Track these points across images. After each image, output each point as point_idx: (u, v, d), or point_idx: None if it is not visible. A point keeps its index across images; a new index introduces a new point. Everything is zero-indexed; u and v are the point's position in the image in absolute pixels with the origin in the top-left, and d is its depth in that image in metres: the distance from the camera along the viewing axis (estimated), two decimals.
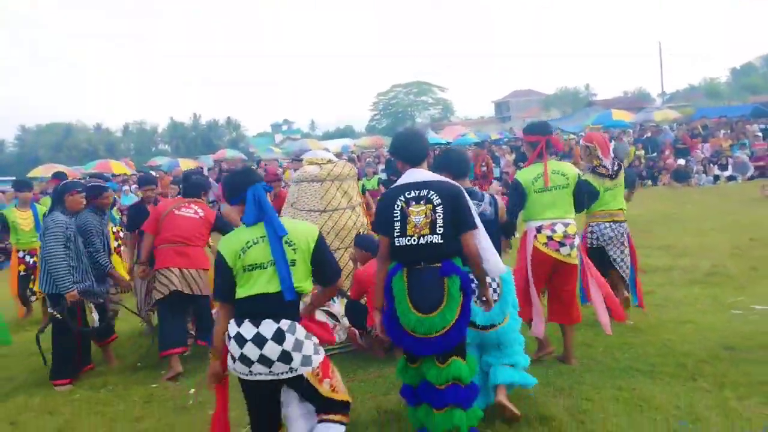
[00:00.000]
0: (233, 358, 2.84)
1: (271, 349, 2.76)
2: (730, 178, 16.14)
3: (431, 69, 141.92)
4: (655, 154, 18.86)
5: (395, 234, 3.19)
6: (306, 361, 2.85)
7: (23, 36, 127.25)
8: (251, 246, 2.82)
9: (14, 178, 40.91)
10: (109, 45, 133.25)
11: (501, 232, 4.04)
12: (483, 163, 12.86)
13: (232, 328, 2.83)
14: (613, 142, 19.95)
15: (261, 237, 2.85)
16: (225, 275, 2.89)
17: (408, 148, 3.41)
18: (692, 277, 6.78)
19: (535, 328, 4.53)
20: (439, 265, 3.14)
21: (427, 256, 3.14)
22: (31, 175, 30.37)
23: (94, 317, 5.19)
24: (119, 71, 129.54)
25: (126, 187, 16.82)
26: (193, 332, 5.58)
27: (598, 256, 5.34)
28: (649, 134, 20.13)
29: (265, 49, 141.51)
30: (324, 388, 2.89)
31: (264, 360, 2.77)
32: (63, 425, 4.34)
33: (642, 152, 19.31)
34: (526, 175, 4.48)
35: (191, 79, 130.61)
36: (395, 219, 3.20)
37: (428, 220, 3.14)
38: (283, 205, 5.69)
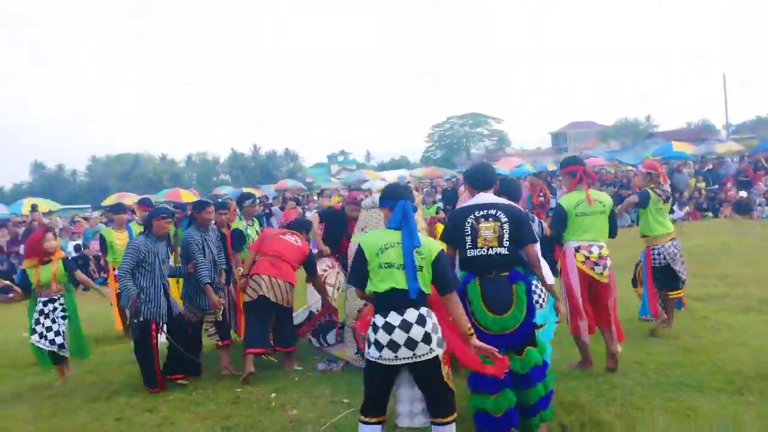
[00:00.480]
0: (380, 346, 3.33)
1: (416, 332, 3.29)
2: None
3: (487, 101, 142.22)
4: (716, 186, 18.69)
5: (467, 246, 3.81)
6: (440, 343, 3.38)
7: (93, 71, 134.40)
8: (388, 248, 3.38)
9: (89, 205, 43.27)
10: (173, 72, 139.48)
11: (549, 247, 4.62)
12: (540, 193, 13.14)
13: (379, 320, 3.36)
14: (674, 174, 19.96)
15: (397, 242, 3.39)
16: (361, 265, 3.47)
17: (480, 176, 4.10)
18: (746, 304, 6.94)
19: (583, 332, 5.00)
20: (507, 273, 3.79)
21: (496, 265, 3.77)
22: (105, 203, 32.29)
23: (160, 338, 5.65)
24: (179, 102, 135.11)
25: None
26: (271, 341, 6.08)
27: (661, 273, 6.04)
28: (710, 166, 19.93)
29: (322, 83, 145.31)
30: (444, 372, 3.41)
31: (410, 342, 3.28)
32: (162, 421, 4.89)
33: (703, 184, 19.16)
34: (568, 201, 5.11)
35: (251, 112, 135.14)
36: (466, 234, 3.82)
37: (496, 235, 3.78)
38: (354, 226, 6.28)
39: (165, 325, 5.70)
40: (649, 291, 6.01)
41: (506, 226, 3.80)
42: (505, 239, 3.78)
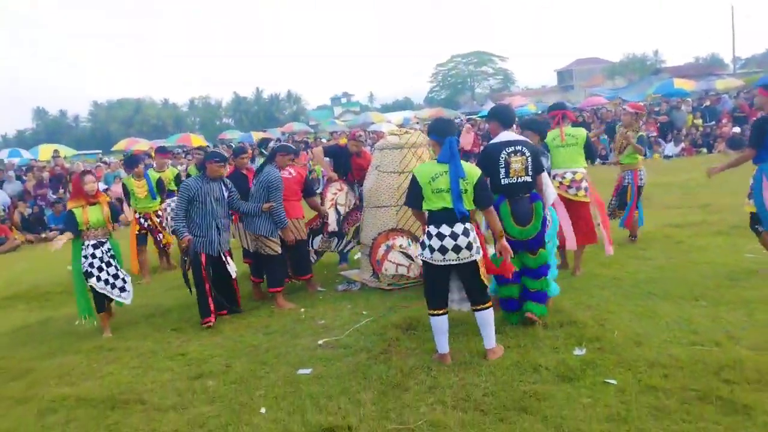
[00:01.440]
0: (432, 249, 4.22)
1: (462, 240, 4.18)
2: None
3: (491, 37, 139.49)
4: (713, 123, 19.20)
5: (501, 176, 4.80)
6: (478, 250, 4.28)
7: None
8: (438, 177, 4.22)
9: (100, 150, 43.84)
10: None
11: None
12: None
13: (433, 230, 4.22)
14: (672, 111, 20.42)
15: (445, 172, 4.21)
16: (417, 191, 4.29)
17: (503, 115, 5.09)
18: (719, 229, 7.74)
19: (569, 244, 5.99)
20: (529, 195, 4.86)
21: (523, 190, 4.84)
22: (114, 149, 32.89)
23: (230, 269, 6.07)
24: (179, 44, 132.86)
25: None
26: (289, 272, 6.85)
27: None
28: (708, 103, 20.40)
29: (321, 23, 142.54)
30: (481, 272, 4.33)
31: (456, 248, 4.18)
32: (212, 330, 5.78)
33: (700, 121, 19.68)
34: (548, 137, 6.11)
35: (252, 51, 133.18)
36: (500, 166, 4.79)
37: (523, 167, 4.79)
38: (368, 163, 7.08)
39: (227, 256, 6.06)
40: (633, 207, 7.44)
41: (529, 159, 4.79)
42: (529, 169, 4.79)
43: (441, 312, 4.37)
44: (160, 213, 8.67)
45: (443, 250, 4.20)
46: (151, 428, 3.85)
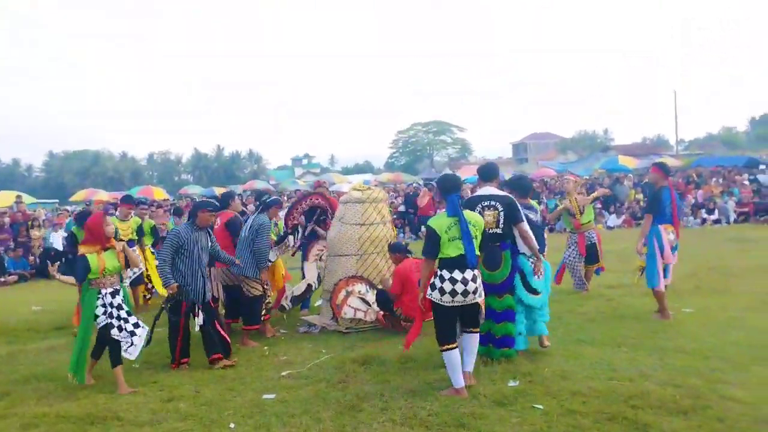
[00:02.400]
0: (443, 291, 4.72)
1: (471, 286, 4.73)
2: (716, 222, 17.89)
3: (450, 108, 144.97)
4: None
5: None
6: (481, 293, 4.89)
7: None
8: (452, 227, 4.78)
9: (57, 200, 43.27)
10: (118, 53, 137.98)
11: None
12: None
13: (446, 274, 4.72)
14: (615, 185, 21.90)
15: (455, 222, 4.78)
16: (435, 240, 4.78)
17: (488, 172, 5.74)
18: (647, 291, 8.55)
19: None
20: (499, 244, 5.41)
21: (493, 239, 5.37)
22: (73, 199, 32.72)
23: (197, 321, 6.01)
24: (140, 95, 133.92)
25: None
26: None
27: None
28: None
29: (284, 82, 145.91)
30: (481, 310, 4.95)
31: (465, 293, 4.72)
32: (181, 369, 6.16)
33: (640, 195, 21.13)
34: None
35: (213, 107, 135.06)
36: None
37: (494, 219, 5.36)
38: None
39: (200, 308, 6.03)
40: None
41: (501, 213, 5.35)
42: (500, 222, 5.36)
43: (453, 346, 4.80)
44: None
45: (453, 293, 4.72)
46: None
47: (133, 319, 5.50)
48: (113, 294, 5.47)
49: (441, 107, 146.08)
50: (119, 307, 5.47)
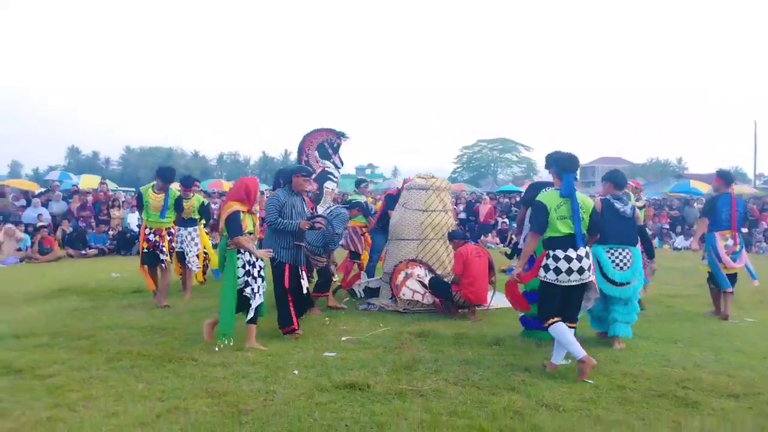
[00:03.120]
0: (559, 271, 4.68)
1: (586, 263, 4.73)
2: None
3: (518, 126, 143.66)
4: None
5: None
6: (593, 272, 4.84)
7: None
8: (562, 205, 4.75)
9: (133, 188, 45.49)
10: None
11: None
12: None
13: (560, 253, 4.68)
14: (685, 207, 21.37)
15: (566, 202, 4.74)
16: (544, 217, 4.74)
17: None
18: (708, 301, 8.43)
19: None
20: None
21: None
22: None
23: (303, 284, 6.11)
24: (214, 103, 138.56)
25: None
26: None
27: None
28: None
29: (351, 93, 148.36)
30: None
31: (580, 270, 4.70)
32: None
33: None
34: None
35: (282, 115, 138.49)
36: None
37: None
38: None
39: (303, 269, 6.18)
40: None
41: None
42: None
43: (557, 319, 4.76)
44: (172, 231, 8.06)
45: (570, 271, 4.69)
46: (202, 375, 4.63)
47: (260, 282, 5.61)
48: (250, 253, 5.52)
49: (508, 125, 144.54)
50: (255, 266, 5.55)
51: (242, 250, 5.45)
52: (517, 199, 21.58)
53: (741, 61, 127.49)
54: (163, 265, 7.77)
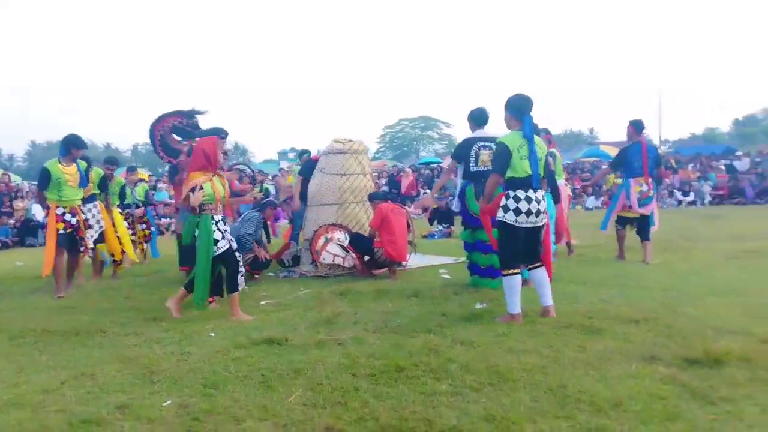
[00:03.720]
0: (519, 212, 4.68)
1: (544, 204, 4.77)
2: (691, 203, 18.38)
3: (439, 104, 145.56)
4: None
5: (471, 164, 5.96)
6: (545, 215, 4.86)
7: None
8: (523, 146, 4.74)
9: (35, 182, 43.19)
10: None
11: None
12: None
13: (521, 193, 4.69)
14: (595, 171, 22.33)
15: (526, 143, 4.74)
16: (507, 158, 4.72)
17: (479, 117, 6.15)
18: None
19: None
20: None
21: (486, 177, 5.26)
22: None
23: None
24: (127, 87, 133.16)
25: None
26: None
27: None
28: None
29: (273, 76, 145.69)
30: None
31: (538, 212, 4.73)
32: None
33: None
34: None
35: (200, 98, 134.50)
36: (471, 156, 5.96)
37: (490, 159, 5.67)
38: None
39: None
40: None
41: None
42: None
43: (516, 272, 4.80)
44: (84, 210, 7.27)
45: (528, 213, 4.71)
46: (112, 344, 4.46)
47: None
48: (223, 221, 5.34)
49: (428, 103, 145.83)
50: (227, 233, 5.34)
51: (215, 217, 5.21)
52: (439, 170, 21.95)
53: (645, 33, 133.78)
54: (82, 250, 7.10)
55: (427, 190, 19.74)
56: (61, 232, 6.78)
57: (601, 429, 2.71)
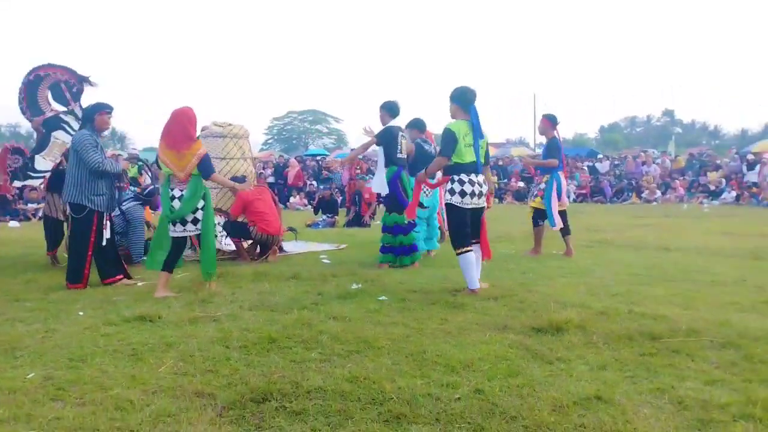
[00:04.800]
0: (464, 194, 5.15)
1: (484, 188, 5.27)
2: None
3: (327, 99, 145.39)
4: (505, 180, 22.48)
5: (397, 151, 6.74)
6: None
7: None
8: (468, 134, 5.20)
9: None
10: None
11: None
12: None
13: (465, 177, 5.17)
14: None
15: (471, 131, 5.21)
16: (454, 144, 5.15)
17: (397, 110, 6.91)
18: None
19: None
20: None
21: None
22: None
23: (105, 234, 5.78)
24: None
25: None
26: None
27: None
28: (501, 163, 23.78)
29: (159, 60, 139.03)
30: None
31: (481, 194, 5.21)
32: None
33: (495, 177, 22.86)
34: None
35: None
36: (397, 143, 6.73)
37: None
38: None
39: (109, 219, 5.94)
40: None
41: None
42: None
43: (469, 249, 5.18)
44: None
45: (473, 195, 5.19)
46: None
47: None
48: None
49: (317, 97, 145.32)
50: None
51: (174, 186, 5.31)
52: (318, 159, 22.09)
53: (521, 40, 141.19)
54: None
55: (314, 182, 19.85)
56: None
57: (452, 384, 3.01)
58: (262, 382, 3.00)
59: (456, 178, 5.21)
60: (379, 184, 6.95)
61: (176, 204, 5.25)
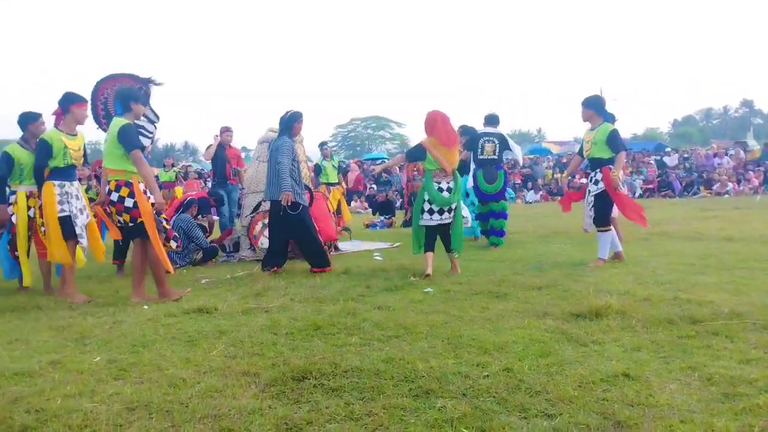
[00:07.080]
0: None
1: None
2: None
3: (390, 105, 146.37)
4: (570, 177, 22.18)
5: (479, 153, 8.29)
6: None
7: None
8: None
9: None
10: None
11: None
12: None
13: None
14: (532, 166, 23.18)
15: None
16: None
17: (489, 118, 8.58)
18: (542, 236, 9.47)
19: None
20: (495, 166, 8.36)
21: (492, 163, 8.31)
22: None
23: None
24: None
25: None
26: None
27: None
28: (564, 161, 23.36)
29: (224, 76, 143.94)
30: None
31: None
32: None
33: (558, 175, 22.47)
34: None
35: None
36: (479, 147, 8.28)
37: (493, 149, 8.26)
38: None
39: None
40: None
41: (498, 145, 8.30)
42: (496, 151, 8.30)
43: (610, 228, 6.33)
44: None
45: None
46: (48, 317, 4.66)
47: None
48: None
49: (379, 103, 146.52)
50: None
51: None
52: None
53: (587, 35, 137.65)
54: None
55: (374, 185, 20.15)
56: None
57: (483, 364, 3.11)
58: (303, 362, 3.19)
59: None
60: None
61: (445, 195, 6.01)
